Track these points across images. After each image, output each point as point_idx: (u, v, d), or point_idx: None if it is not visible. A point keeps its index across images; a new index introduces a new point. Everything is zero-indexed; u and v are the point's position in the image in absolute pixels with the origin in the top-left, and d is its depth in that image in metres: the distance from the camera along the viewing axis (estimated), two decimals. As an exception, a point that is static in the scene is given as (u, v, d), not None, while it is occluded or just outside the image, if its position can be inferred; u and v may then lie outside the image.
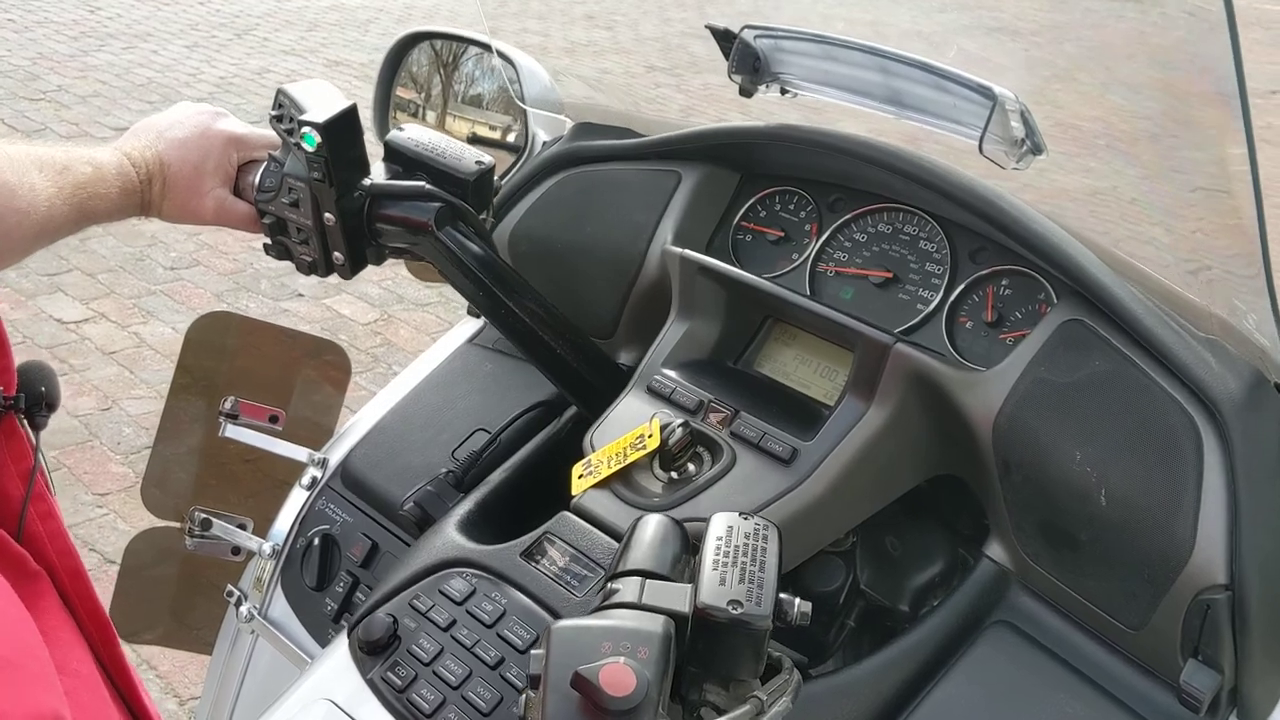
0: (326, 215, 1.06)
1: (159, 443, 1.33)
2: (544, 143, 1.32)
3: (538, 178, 1.28)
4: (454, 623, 0.93)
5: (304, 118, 1.01)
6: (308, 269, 1.12)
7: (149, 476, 1.33)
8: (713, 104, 1.19)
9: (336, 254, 1.09)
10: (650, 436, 1.01)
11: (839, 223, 1.17)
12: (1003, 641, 0.94)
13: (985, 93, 0.94)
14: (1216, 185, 0.90)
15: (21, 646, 0.43)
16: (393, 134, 1.09)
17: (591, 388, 1.14)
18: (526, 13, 1.82)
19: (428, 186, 1.06)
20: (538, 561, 0.96)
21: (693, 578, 0.74)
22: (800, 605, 0.73)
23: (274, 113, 1.08)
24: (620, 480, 1.00)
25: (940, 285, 1.10)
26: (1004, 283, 1.07)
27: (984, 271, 1.08)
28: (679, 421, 1.01)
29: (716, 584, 0.71)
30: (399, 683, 0.90)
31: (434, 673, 0.90)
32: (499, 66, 1.38)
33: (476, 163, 1.07)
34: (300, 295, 3.67)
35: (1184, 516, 0.85)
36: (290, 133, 1.05)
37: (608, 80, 1.77)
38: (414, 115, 1.52)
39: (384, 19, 7.26)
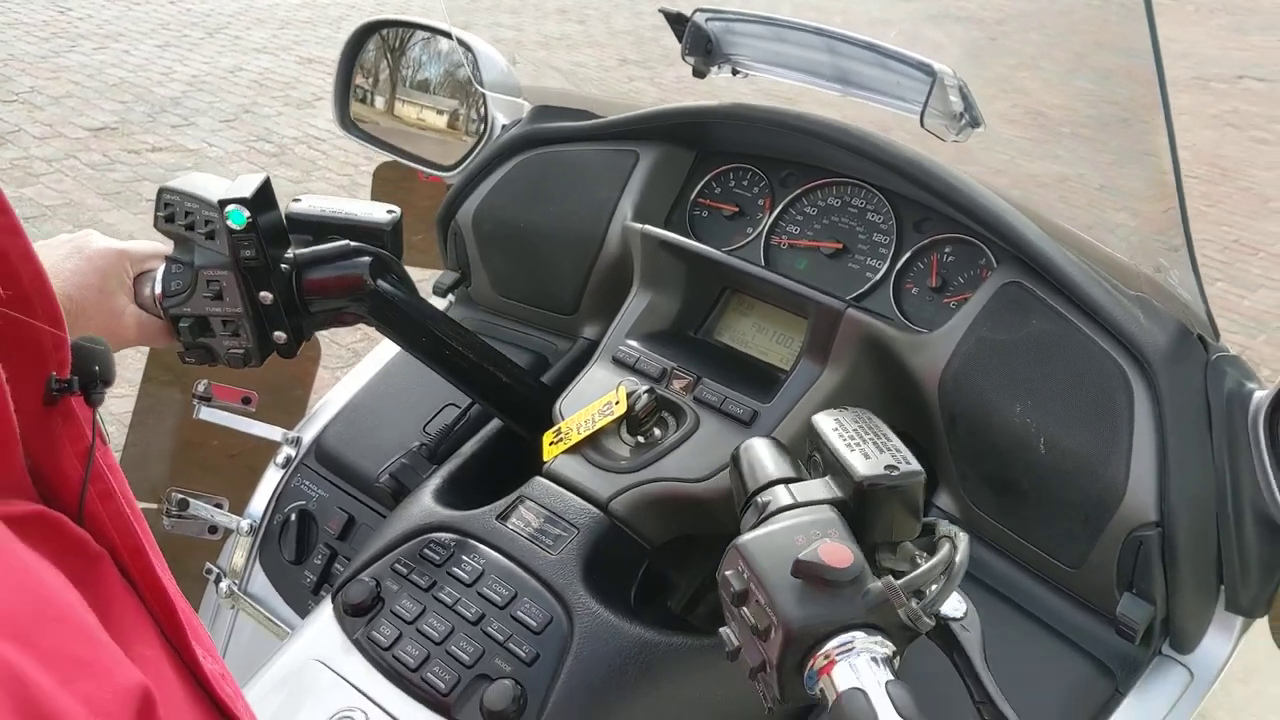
0: (263, 295, 1.02)
1: (134, 427, 1.35)
2: (503, 126, 1.36)
3: (498, 160, 1.32)
4: (435, 584, 0.97)
5: (225, 196, 0.98)
6: (240, 361, 1.06)
7: (124, 461, 1.35)
8: (686, 96, 1.23)
9: (278, 333, 1.04)
10: (617, 403, 1.06)
11: (790, 197, 1.23)
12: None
13: (925, 69, 1.00)
14: (1145, 152, 0.96)
15: (88, 637, 0.44)
16: (291, 207, 1.06)
17: (528, 406, 1.16)
18: (499, 7, 1.84)
19: (352, 244, 1.03)
20: (513, 524, 1.00)
21: (826, 470, 0.78)
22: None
23: (162, 214, 1.03)
24: (590, 445, 1.05)
25: (887, 254, 1.16)
26: (947, 250, 1.13)
27: (928, 240, 1.14)
28: (644, 388, 1.06)
29: (864, 460, 0.75)
30: (384, 641, 0.94)
31: (418, 630, 0.94)
32: (455, 52, 1.42)
33: (387, 212, 1.06)
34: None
35: (1117, 461, 0.92)
36: (191, 227, 1.01)
37: (582, 74, 1.81)
38: (362, 101, 1.55)
39: (356, 15, 7.20)
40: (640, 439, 1.06)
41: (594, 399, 1.08)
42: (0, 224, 0.47)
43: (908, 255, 1.14)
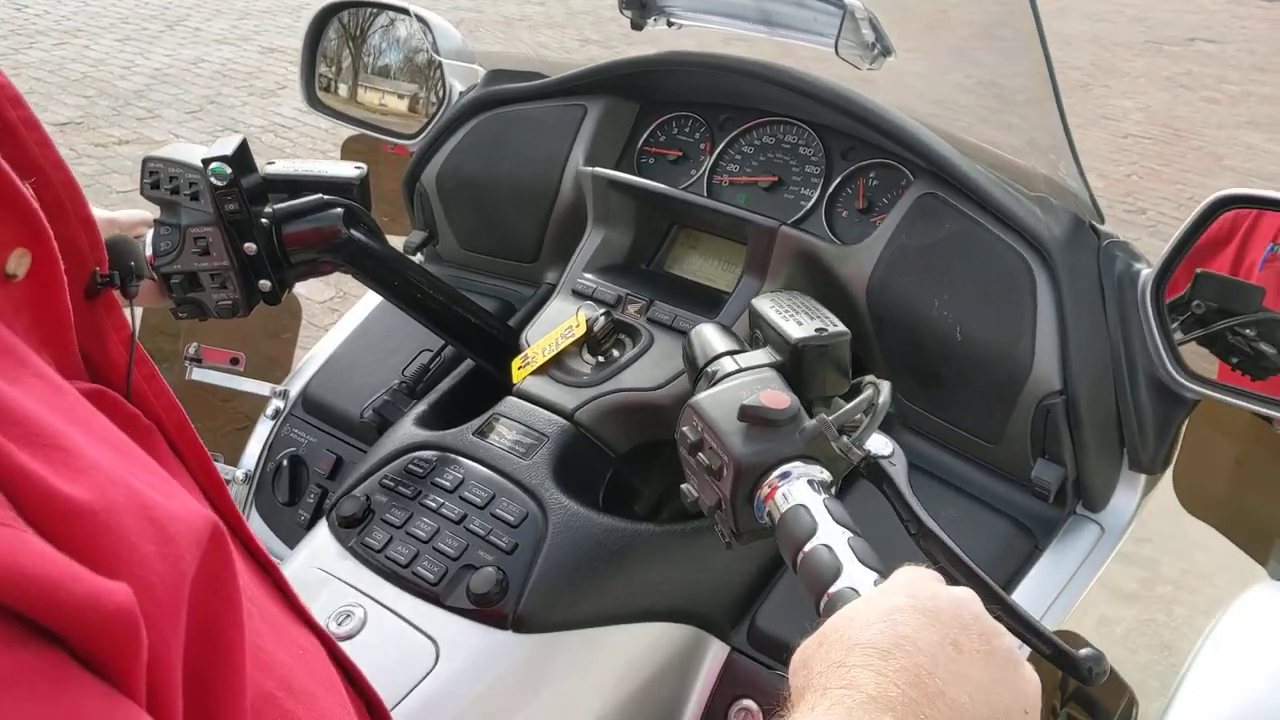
0: (247, 246, 1.10)
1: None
2: (460, 92, 1.46)
3: (457, 123, 1.42)
4: (420, 493, 1.07)
5: (209, 154, 1.07)
6: (229, 312, 1.14)
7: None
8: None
9: (263, 282, 1.12)
10: (577, 327, 1.16)
11: (729, 139, 1.33)
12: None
13: (836, 3, 1.10)
14: (1035, 71, 1.06)
15: (164, 478, 0.47)
16: (267, 169, 1.14)
17: (496, 344, 1.25)
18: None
19: (326, 197, 1.13)
20: (489, 438, 1.10)
21: (766, 343, 0.90)
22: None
23: (147, 181, 1.11)
24: (555, 366, 1.15)
25: (818, 183, 1.26)
26: (872, 175, 1.24)
27: (854, 167, 1.24)
28: (601, 312, 1.16)
29: (797, 326, 0.87)
30: (376, 545, 1.04)
31: (406, 533, 1.04)
32: (414, 37, 1.52)
33: (355, 168, 1.16)
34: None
35: (1024, 340, 1.02)
36: (176, 191, 1.09)
37: (546, 55, 1.90)
38: (326, 89, 1.64)
39: (315, 4, 7.26)
40: (600, 358, 1.16)
41: (556, 326, 1.18)
42: (33, 138, 0.54)
43: (837, 182, 1.25)
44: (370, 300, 1.45)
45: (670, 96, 1.37)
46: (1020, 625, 0.72)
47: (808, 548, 0.72)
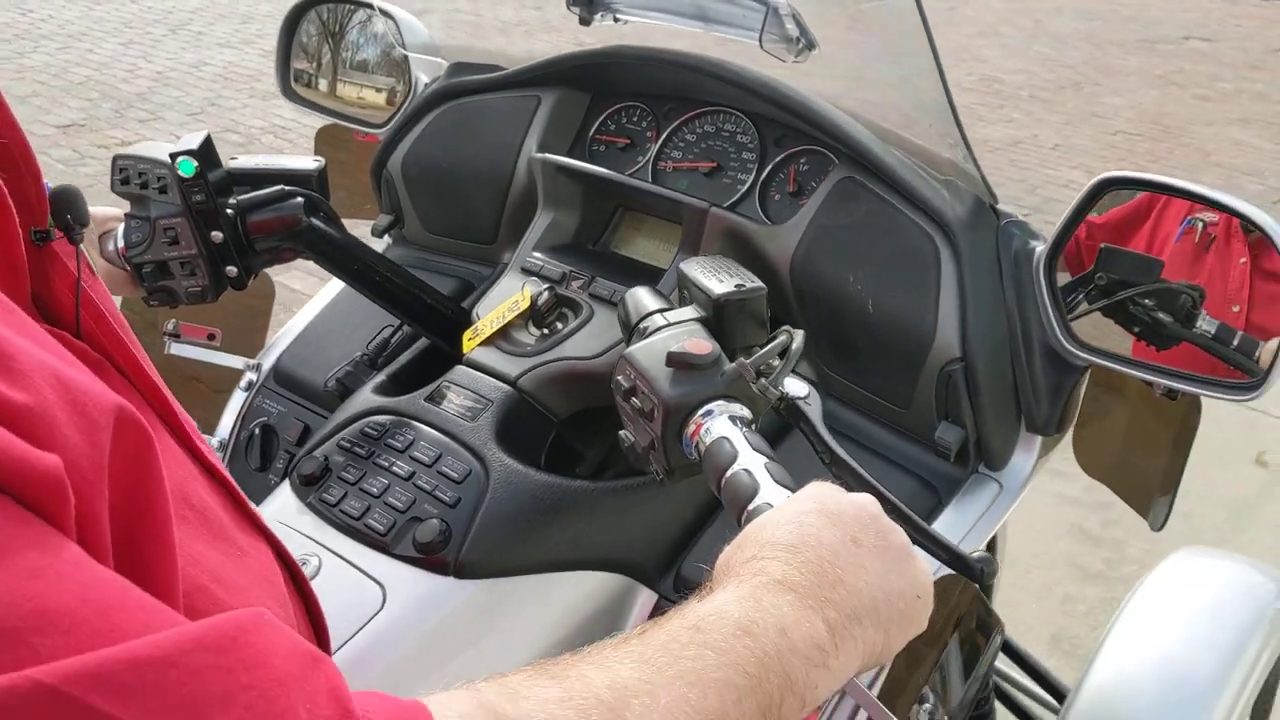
0: (214, 234, 1.18)
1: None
2: (425, 84, 1.55)
3: (421, 113, 1.50)
4: (373, 453, 1.15)
5: (176, 149, 1.16)
6: (198, 298, 1.22)
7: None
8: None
9: (230, 268, 1.21)
10: (522, 301, 1.25)
11: (672, 127, 1.41)
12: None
13: (761, 0, 1.19)
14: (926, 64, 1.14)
15: (88, 373, 0.52)
16: (230, 163, 1.22)
17: (449, 321, 1.33)
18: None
19: (287, 188, 1.21)
20: (439, 403, 1.19)
21: (692, 300, 0.99)
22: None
23: (118, 177, 1.19)
24: (502, 338, 1.24)
25: (753, 168, 1.35)
26: (802, 160, 1.32)
27: (786, 153, 1.33)
28: (545, 288, 1.25)
29: (719, 283, 0.97)
30: (332, 500, 1.12)
31: (359, 489, 1.12)
32: (382, 26, 1.60)
33: (314, 161, 1.24)
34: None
35: (928, 312, 1.11)
36: (146, 185, 1.18)
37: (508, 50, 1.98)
38: (308, 85, 1.73)
39: None
40: (544, 331, 1.25)
41: (504, 301, 1.27)
42: None
43: (770, 167, 1.33)
44: (339, 282, 1.53)
45: (619, 88, 1.45)
46: (917, 532, 0.82)
47: (729, 473, 0.82)
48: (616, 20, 1.37)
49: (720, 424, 0.86)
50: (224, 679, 0.44)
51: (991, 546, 1.88)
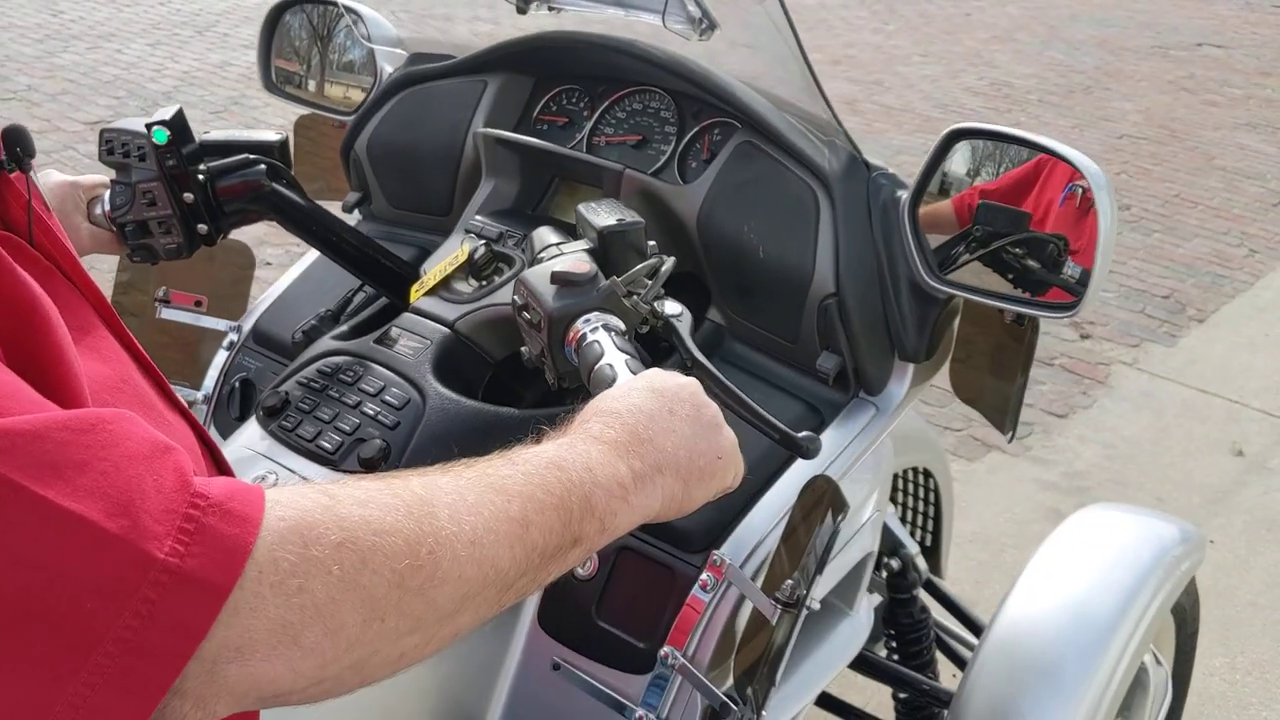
0: (186, 195, 1.31)
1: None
2: (389, 73, 1.72)
3: (384, 98, 1.67)
4: (326, 388, 1.31)
5: (151, 120, 1.31)
6: (175, 254, 1.36)
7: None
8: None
9: (201, 226, 1.34)
10: (461, 255, 1.40)
11: (604, 106, 1.57)
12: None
13: (664, -18, 1.34)
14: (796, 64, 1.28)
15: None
16: (202, 136, 1.37)
17: (399, 278, 1.48)
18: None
19: (251, 156, 1.36)
20: (387, 345, 1.35)
21: (583, 235, 1.15)
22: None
23: (104, 149, 1.33)
24: (443, 288, 1.40)
25: (673, 139, 1.50)
26: (715, 131, 1.47)
27: (701, 125, 1.48)
28: (481, 243, 1.41)
29: (603, 217, 1.14)
30: (289, 427, 1.28)
31: (313, 417, 1.28)
32: (351, 24, 1.77)
33: (276, 134, 1.40)
34: (268, 264, 3.99)
35: (808, 253, 1.26)
36: (127, 154, 1.31)
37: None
38: (297, 86, 1.90)
39: None
40: (482, 282, 1.40)
41: (446, 257, 1.43)
42: None
43: (688, 137, 1.49)
44: (313, 253, 1.70)
45: (557, 71, 1.61)
46: (752, 415, 0.97)
47: (595, 367, 0.97)
48: (551, 9, 1.53)
49: (593, 331, 1.01)
50: (83, 452, 0.58)
51: (939, 531, 2.03)
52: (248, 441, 1.31)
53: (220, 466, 0.87)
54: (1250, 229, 5.19)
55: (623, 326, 1.03)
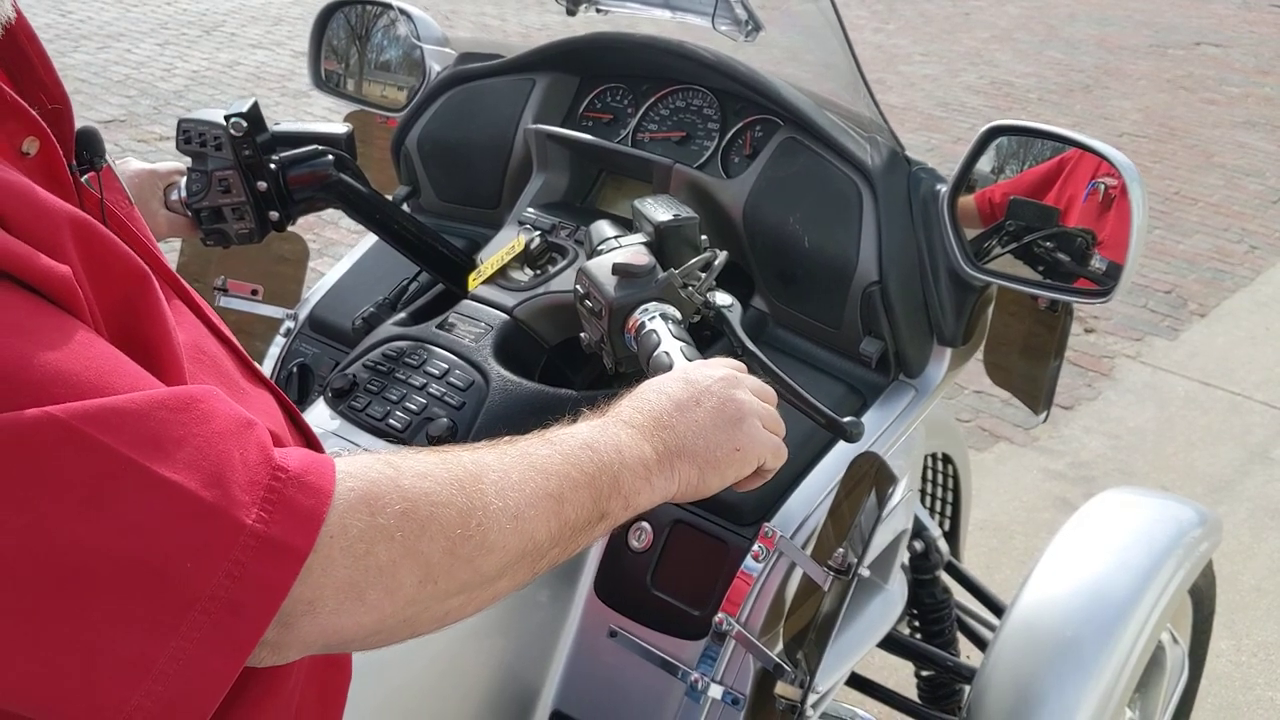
0: (260, 184, 1.38)
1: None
2: (437, 71, 1.78)
3: (433, 96, 1.74)
4: (392, 370, 1.38)
5: (229, 112, 1.39)
6: (246, 239, 1.43)
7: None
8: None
9: (272, 213, 1.41)
10: (517, 245, 1.47)
11: (649, 103, 1.64)
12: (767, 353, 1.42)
13: (712, -13, 1.42)
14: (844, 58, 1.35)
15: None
16: (274, 127, 1.45)
17: (457, 266, 1.56)
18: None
19: (320, 148, 1.44)
20: (449, 330, 1.42)
21: (640, 229, 1.23)
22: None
23: (181, 138, 1.40)
24: (500, 277, 1.47)
25: (716, 135, 1.57)
26: (756, 127, 1.54)
27: (743, 121, 1.55)
28: (536, 234, 1.48)
29: (660, 213, 1.21)
30: (359, 407, 1.35)
31: (382, 398, 1.35)
32: (400, 24, 1.84)
33: (345, 126, 1.48)
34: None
35: (851, 244, 1.33)
36: (204, 144, 1.38)
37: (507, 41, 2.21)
38: (345, 84, 1.97)
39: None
40: (537, 271, 1.47)
41: (503, 247, 1.50)
42: (43, 66, 0.80)
43: (731, 134, 1.56)
44: (365, 242, 1.77)
45: (603, 71, 1.68)
46: (799, 400, 1.04)
47: (653, 355, 1.05)
48: (599, 11, 1.60)
49: (651, 320, 1.08)
50: (180, 429, 0.65)
51: (958, 516, 2.10)
52: (318, 421, 1.38)
53: (303, 431, 0.94)
54: (1250, 225, 5.27)
55: (679, 316, 1.10)
